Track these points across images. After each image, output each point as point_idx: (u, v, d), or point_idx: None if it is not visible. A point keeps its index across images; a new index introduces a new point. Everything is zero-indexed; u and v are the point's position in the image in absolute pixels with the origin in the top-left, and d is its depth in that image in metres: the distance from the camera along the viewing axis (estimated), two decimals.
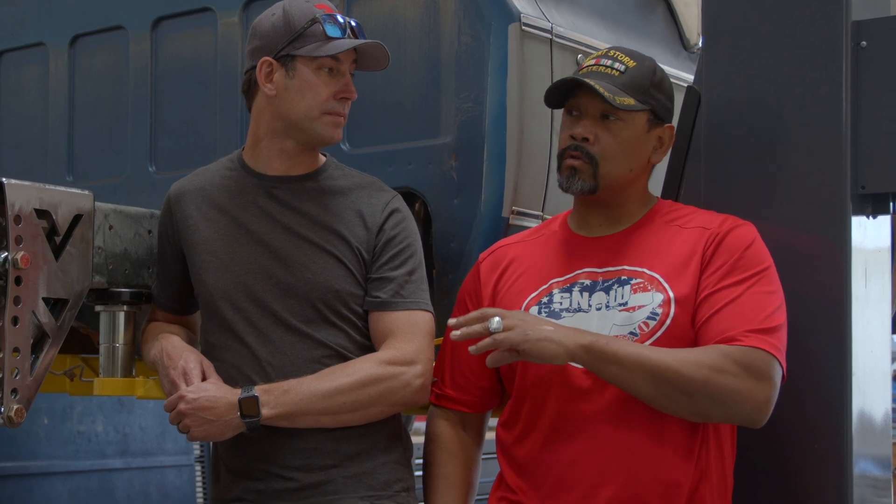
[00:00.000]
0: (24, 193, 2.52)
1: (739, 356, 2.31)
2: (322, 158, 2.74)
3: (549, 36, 3.19)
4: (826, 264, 2.59)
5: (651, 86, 2.52)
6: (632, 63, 2.53)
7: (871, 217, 2.67)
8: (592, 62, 2.55)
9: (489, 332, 2.35)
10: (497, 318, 2.34)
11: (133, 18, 3.90)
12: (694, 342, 2.39)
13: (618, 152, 2.50)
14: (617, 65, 2.52)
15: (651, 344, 2.39)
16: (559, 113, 2.61)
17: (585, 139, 2.49)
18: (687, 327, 2.40)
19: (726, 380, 2.30)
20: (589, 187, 2.51)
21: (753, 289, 2.39)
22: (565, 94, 2.55)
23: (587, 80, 2.47)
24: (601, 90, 2.45)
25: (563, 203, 2.68)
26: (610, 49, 2.60)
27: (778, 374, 2.35)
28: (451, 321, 2.42)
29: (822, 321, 2.58)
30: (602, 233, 2.57)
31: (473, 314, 2.40)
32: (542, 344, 2.33)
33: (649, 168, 2.60)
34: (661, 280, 2.44)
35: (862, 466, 2.60)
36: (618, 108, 2.46)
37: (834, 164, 2.61)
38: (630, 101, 2.48)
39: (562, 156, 2.53)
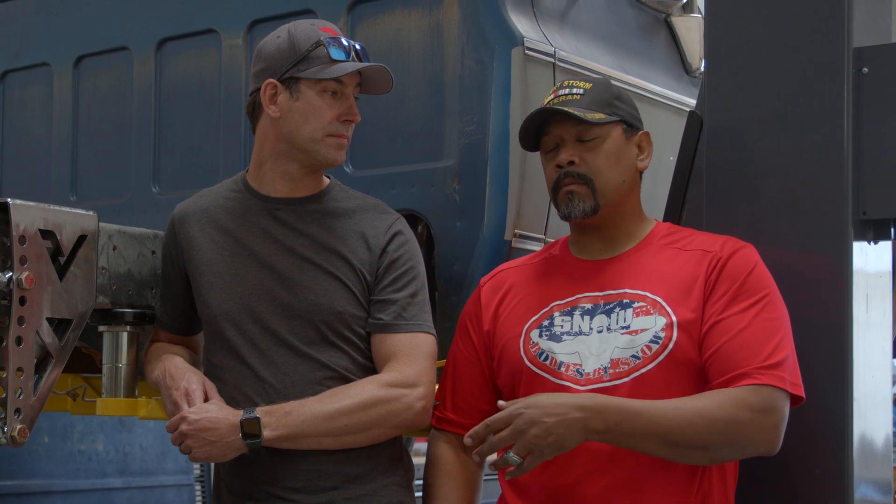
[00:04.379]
0: (28, 214, 2.52)
1: (751, 398, 2.32)
2: (326, 180, 2.75)
3: (552, 60, 3.20)
4: (828, 289, 2.60)
5: (613, 98, 2.58)
6: (587, 84, 2.59)
7: (872, 242, 2.68)
8: (552, 96, 2.60)
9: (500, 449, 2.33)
10: (516, 458, 2.29)
11: (137, 39, 3.91)
12: (698, 366, 2.40)
13: (606, 166, 2.53)
14: (575, 90, 2.57)
15: (654, 367, 2.40)
16: None
17: (571, 162, 2.53)
18: (690, 351, 2.40)
19: (740, 428, 2.31)
20: (591, 207, 2.52)
21: (760, 316, 2.39)
22: (537, 133, 2.59)
23: (557, 107, 2.52)
24: (572, 111, 2.49)
25: (565, 226, 2.69)
26: (563, 81, 2.67)
27: (786, 406, 2.35)
28: (468, 440, 2.40)
29: (823, 345, 2.58)
30: (602, 256, 2.58)
31: (498, 421, 2.33)
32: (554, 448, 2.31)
33: (639, 179, 2.63)
34: (663, 304, 2.44)
35: (863, 491, 2.60)
36: (592, 124, 2.50)
37: (836, 189, 2.62)
38: (600, 115, 2.52)
39: (555, 188, 2.56)
